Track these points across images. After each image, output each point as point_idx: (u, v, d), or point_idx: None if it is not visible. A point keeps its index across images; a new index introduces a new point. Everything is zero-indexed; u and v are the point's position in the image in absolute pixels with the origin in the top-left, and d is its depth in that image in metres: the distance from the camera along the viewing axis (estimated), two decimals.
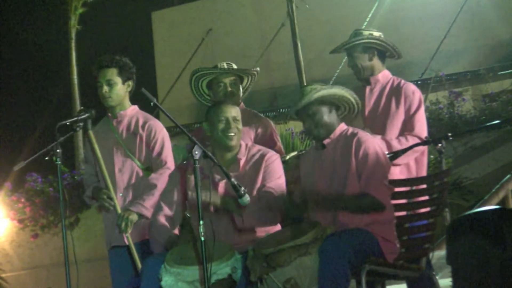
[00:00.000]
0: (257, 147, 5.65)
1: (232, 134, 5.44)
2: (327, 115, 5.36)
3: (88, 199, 6.21)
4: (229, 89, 6.28)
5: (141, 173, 6.06)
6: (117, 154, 6.07)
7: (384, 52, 6.13)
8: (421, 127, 5.93)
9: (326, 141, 5.38)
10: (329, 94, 5.34)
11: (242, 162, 5.50)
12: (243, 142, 5.64)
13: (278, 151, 6.17)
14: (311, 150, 5.63)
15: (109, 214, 6.08)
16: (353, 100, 5.43)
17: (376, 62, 6.13)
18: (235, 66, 6.38)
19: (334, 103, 5.40)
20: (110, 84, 6.03)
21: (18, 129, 18.83)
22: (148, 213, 5.89)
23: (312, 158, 5.49)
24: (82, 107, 6.01)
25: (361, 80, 6.18)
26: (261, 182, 5.44)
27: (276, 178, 5.46)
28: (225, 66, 6.33)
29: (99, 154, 5.96)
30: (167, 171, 5.97)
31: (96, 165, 6.15)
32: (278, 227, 5.51)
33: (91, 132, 5.99)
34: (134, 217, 5.91)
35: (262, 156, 5.53)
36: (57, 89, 17.09)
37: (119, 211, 5.91)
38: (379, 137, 5.80)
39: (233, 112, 5.49)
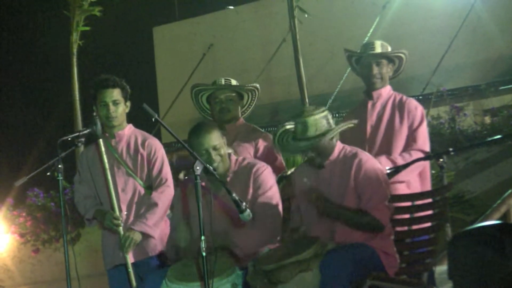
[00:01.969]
0: (247, 160, 5.63)
1: (216, 164, 5.42)
2: (328, 142, 5.37)
3: (88, 222, 6.17)
4: (224, 105, 6.30)
5: (142, 192, 6.05)
6: (119, 174, 6.05)
7: (396, 70, 6.20)
8: (424, 142, 5.96)
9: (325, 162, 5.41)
10: (337, 132, 5.37)
11: (229, 178, 5.49)
12: (234, 156, 5.63)
13: (279, 166, 6.18)
14: (306, 167, 5.61)
15: (109, 233, 6.06)
16: (351, 125, 5.46)
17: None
18: (234, 82, 6.40)
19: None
20: (116, 104, 6.04)
21: (19, 145, 18.82)
22: (152, 231, 5.89)
23: (308, 177, 5.49)
24: (94, 114, 5.97)
25: (369, 91, 6.17)
26: (252, 195, 5.43)
27: (267, 191, 5.45)
28: (223, 82, 6.36)
29: (107, 165, 5.93)
30: (167, 189, 5.97)
31: (95, 184, 6.12)
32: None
33: (101, 141, 5.96)
34: (138, 237, 5.89)
35: (250, 168, 5.52)
36: (59, 104, 17.10)
37: (121, 231, 5.90)
38: (383, 156, 5.80)
39: (212, 140, 5.43)
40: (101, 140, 5.95)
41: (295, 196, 5.57)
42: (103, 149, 5.95)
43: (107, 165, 5.94)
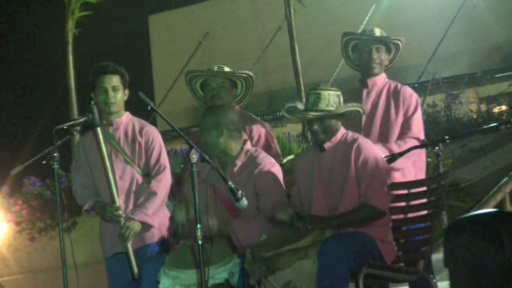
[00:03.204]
0: (259, 152, 5.62)
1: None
2: (335, 122, 5.38)
3: (87, 212, 6.14)
4: (215, 92, 6.28)
5: (140, 180, 6.03)
6: (117, 161, 6.02)
7: (391, 60, 6.19)
8: (418, 129, 5.95)
9: (326, 145, 5.38)
10: (351, 111, 5.39)
11: (236, 169, 5.49)
12: (247, 146, 5.64)
13: (274, 154, 6.16)
14: (309, 152, 5.63)
15: (107, 222, 6.03)
16: (361, 111, 5.47)
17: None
18: (227, 70, 6.37)
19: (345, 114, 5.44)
20: (115, 90, 6.02)
21: (15, 133, 18.81)
22: (151, 220, 5.86)
23: (311, 161, 5.49)
24: (92, 103, 5.94)
25: (364, 79, 6.17)
26: (255, 190, 5.43)
27: (273, 186, 5.45)
28: (215, 69, 6.34)
29: (105, 153, 5.89)
30: (166, 177, 5.95)
31: (93, 172, 6.09)
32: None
33: (99, 129, 5.90)
34: (138, 227, 5.86)
35: (258, 162, 5.52)
36: (54, 93, 17.08)
37: (122, 220, 5.88)
38: (379, 144, 5.80)
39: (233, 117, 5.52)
40: (99, 129, 5.90)
41: (296, 181, 5.57)
42: (101, 138, 5.91)
43: (105, 154, 5.90)
